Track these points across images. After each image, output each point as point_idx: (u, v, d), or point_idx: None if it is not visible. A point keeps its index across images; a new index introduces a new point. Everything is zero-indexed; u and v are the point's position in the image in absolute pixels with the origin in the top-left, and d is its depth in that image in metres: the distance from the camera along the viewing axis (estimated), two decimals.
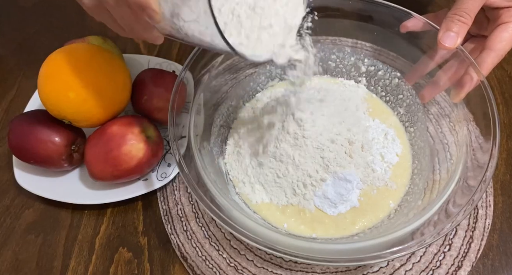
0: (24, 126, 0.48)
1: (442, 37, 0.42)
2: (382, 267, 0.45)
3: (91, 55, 0.47)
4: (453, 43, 0.42)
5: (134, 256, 0.47)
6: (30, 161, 0.49)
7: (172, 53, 0.65)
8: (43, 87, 0.46)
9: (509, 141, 0.54)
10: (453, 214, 0.37)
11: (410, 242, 0.35)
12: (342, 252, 0.38)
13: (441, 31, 0.42)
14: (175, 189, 0.51)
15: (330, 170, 0.46)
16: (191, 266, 0.46)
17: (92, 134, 0.49)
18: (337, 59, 0.56)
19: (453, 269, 0.45)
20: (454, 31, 0.42)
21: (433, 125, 0.49)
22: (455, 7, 0.42)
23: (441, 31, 0.42)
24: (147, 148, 0.48)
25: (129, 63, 0.53)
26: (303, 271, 0.45)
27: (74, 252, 0.48)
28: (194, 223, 0.49)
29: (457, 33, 0.42)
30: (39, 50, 0.66)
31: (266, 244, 0.35)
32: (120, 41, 0.59)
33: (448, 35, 0.42)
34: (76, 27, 0.70)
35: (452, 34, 0.42)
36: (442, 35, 0.42)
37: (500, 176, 0.51)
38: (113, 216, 0.50)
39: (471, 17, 0.42)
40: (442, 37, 0.42)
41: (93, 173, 0.48)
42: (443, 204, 0.39)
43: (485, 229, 0.47)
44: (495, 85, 0.59)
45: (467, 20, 0.41)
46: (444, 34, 0.42)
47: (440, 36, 0.42)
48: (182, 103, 0.48)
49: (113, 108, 0.49)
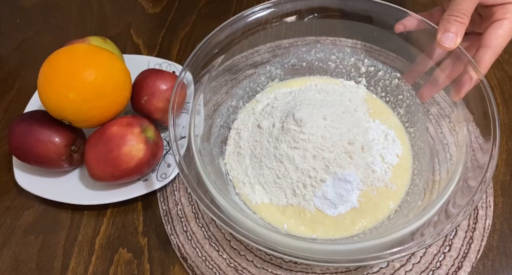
0: (24, 126, 0.48)
1: (441, 38, 0.42)
2: (382, 267, 0.45)
3: (91, 55, 0.47)
4: (453, 43, 0.42)
5: (134, 256, 0.47)
6: (30, 161, 0.49)
7: (172, 53, 0.65)
8: (43, 87, 0.46)
9: (509, 141, 0.54)
10: (453, 214, 0.37)
11: (410, 243, 0.35)
12: (342, 253, 0.38)
13: (440, 32, 0.42)
14: (175, 190, 0.51)
15: (330, 171, 0.46)
16: (191, 266, 0.46)
17: (92, 135, 0.49)
18: (337, 59, 0.56)
19: (453, 269, 0.45)
20: (452, 31, 0.42)
21: (433, 125, 0.49)
22: (450, 8, 0.42)
23: (439, 33, 0.42)
24: (147, 148, 0.48)
25: (129, 63, 0.53)
26: (303, 271, 0.45)
27: (74, 252, 0.48)
28: (194, 224, 0.49)
29: (455, 33, 0.42)
30: (39, 50, 0.66)
31: (266, 244, 0.35)
32: (120, 41, 0.59)
33: (447, 36, 0.42)
34: (76, 27, 0.70)
35: (451, 35, 0.42)
36: (441, 36, 0.42)
37: (500, 176, 0.51)
38: (113, 217, 0.50)
39: (467, 17, 0.42)
40: (441, 38, 0.42)
41: (93, 173, 0.48)
42: (443, 205, 0.39)
43: (485, 230, 0.47)
44: (495, 86, 0.59)
45: (464, 20, 0.42)
46: (443, 35, 0.42)
47: (439, 37, 0.42)
48: (182, 103, 0.48)
49: (113, 109, 0.49)
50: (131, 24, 0.69)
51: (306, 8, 0.50)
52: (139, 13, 0.70)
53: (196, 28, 0.68)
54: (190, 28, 0.68)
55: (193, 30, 0.68)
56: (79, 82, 0.45)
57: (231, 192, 0.47)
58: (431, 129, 0.49)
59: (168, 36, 0.67)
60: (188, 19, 0.69)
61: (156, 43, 0.66)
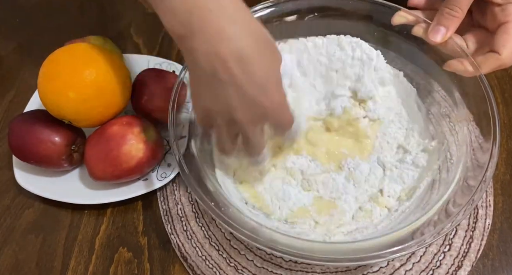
0: (24, 126, 0.48)
1: (431, 31, 0.43)
2: (382, 267, 0.45)
3: (91, 55, 0.47)
4: (441, 37, 0.42)
5: (134, 256, 0.47)
6: (30, 161, 0.49)
7: (172, 53, 0.65)
8: (43, 87, 0.46)
9: (509, 141, 0.54)
10: (453, 213, 0.37)
11: (410, 242, 0.35)
12: (342, 252, 0.38)
13: (431, 25, 0.43)
14: (175, 189, 0.51)
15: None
16: (191, 266, 0.46)
17: (92, 134, 0.49)
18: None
19: (453, 269, 0.45)
20: (443, 25, 0.42)
21: (433, 125, 0.49)
22: (446, 1, 0.42)
23: (431, 24, 0.43)
24: (147, 148, 0.48)
25: (129, 63, 0.53)
26: (303, 271, 0.45)
27: (74, 252, 0.48)
28: (194, 223, 0.49)
29: (446, 27, 0.42)
30: (39, 50, 0.66)
31: (266, 243, 0.35)
32: (120, 41, 0.59)
33: (438, 29, 0.42)
34: (76, 27, 0.70)
35: (442, 28, 0.42)
36: (431, 29, 0.43)
37: (500, 176, 0.51)
38: (113, 216, 0.50)
39: (462, 10, 0.42)
40: (431, 31, 0.43)
41: (93, 173, 0.48)
42: (443, 204, 0.39)
43: (485, 229, 0.47)
44: (495, 85, 0.59)
45: (458, 13, 0.42)
46: (434, 28, 0.43)
47: (429, 30, 0.43)
48: (182, 103, 0.48)
49: (113, 108, 0.49)
50: (131, 24, 0.69)
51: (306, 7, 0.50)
52: (139, 13, 0.70)
53: None
54: None
55: None
56: (79, 82, 0.45)
57: (231, 191, 0.47)
58: (431, 129, 0.49)
59: (168, 36, 0.66)
60: None
61: (156, 43, 0.66)
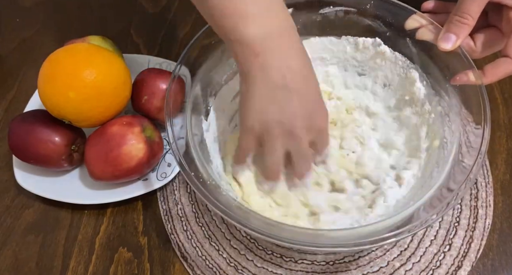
0: (24, 126, 0.48)
1: (441, 39, 0.43)
2: (382, 267, 0.45)
3: (91, 55, 0.47)
4: (452, 45, 0.42)
5: (134, 256, 0.47)
6: (30, 160, 0.49)
7: (172, 53, 0.65)
8: (43, 87, 0.46)
9: (509, 140, 0.54)
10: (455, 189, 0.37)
11: (409, 225, 0.35)
12: (341, 238, 0.38)
13: (441, 33, 0.43)
14: (175, 189, 0.51)
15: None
16: (191, 265, 0.46)
17: (92, 134, 0.49)
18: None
19: (453, 269, 0.45)
20: (453, 32, 0.42)
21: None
22: (456, 8, 0.42)
23: (441, 32, 0.43)
24: (147, 148, 0.48)
25: (129, 63, 0.53)
26: (303, 271, 0.45)
27: (74, 252, 0.48)
28: (194, 223, 0.49)
29: (456, 35, 0.42)
30: (39, 50, 0.66)
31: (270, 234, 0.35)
32: (120, 41, 0.59)
33: (448, 37, 0.42)
34: (76, 27, 0.70)
35: (452, 36, 0.42)
36: (441, 37, 0.43)
37: (500, 175, 0.51)
38: (113, 216, 0.50)
39: (473, 18, 0.41)
40: (441, 38, 0.43)
41: (93, 173, 0.48)
42: (440, 186, 0.39)
43: (485, 229, 0.47)
44: (495, 85, 0.59)
45: (468, 21, 0.41)
46: (444, 35, 0.42)
47: (439, 38, 0.43)
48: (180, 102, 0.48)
49: (113, 108, 0.49)
50: (131, 24, 0.69)
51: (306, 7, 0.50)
52: (139, 13, 0.70)
53: (196, 28, 0.68)
54: (190, 28, 0.68)
55: (193, 30, 0.68)
56: (79, 82, 0.45)
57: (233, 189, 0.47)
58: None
59: (168, 36, 0.67)
60: (188, 19, 0.69)
61: (156, 43, 0.66)
